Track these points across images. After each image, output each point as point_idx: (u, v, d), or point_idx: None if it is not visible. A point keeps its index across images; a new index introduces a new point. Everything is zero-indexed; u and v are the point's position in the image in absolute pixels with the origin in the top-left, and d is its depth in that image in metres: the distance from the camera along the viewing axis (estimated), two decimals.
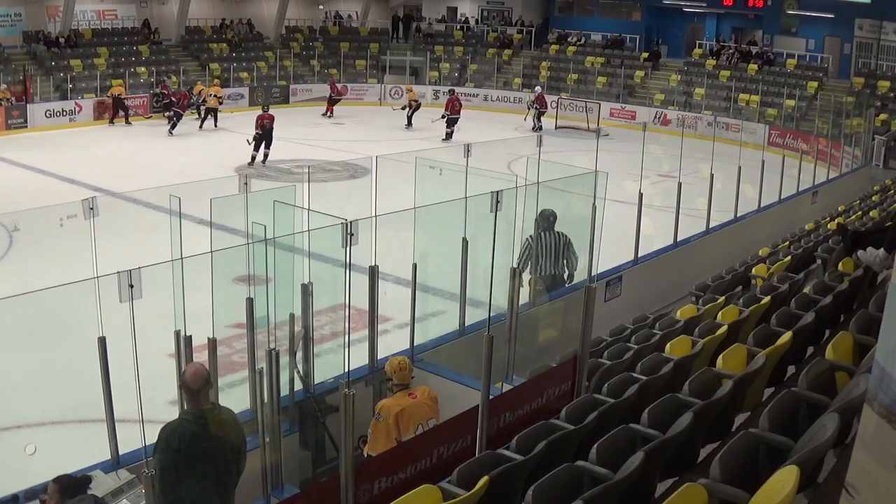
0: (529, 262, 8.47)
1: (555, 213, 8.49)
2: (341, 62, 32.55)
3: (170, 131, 23.77)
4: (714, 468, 3.48)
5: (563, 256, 8.60)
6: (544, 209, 8.39)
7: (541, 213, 8.38)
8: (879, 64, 27.98)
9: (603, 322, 7.58)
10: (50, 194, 15.15)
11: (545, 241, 8.53)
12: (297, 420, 6.00)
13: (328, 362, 6.16)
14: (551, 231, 8.54)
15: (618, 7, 34.74)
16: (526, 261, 8.41)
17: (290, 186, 5.80)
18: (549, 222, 8.51)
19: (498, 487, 3.99)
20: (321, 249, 5.39)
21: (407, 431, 5.47)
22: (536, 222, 8.39)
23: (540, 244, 8.49)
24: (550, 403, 5.38)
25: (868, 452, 2.31)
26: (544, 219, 8.46)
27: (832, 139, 21.31)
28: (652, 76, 30.93)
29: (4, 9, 27.25)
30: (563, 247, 8.58)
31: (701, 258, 11.37)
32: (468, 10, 36.45)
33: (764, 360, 4.81)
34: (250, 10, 33.69)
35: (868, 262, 6.35)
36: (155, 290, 4.57)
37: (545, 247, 8.52)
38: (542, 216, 8.42)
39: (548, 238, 8.55)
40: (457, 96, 25.70)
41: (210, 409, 4.54)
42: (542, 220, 8.44)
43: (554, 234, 8.55)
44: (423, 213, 6.49)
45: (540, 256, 8.51)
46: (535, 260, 8.49)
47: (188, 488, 4.46)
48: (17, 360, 8.13)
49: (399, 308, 7.45)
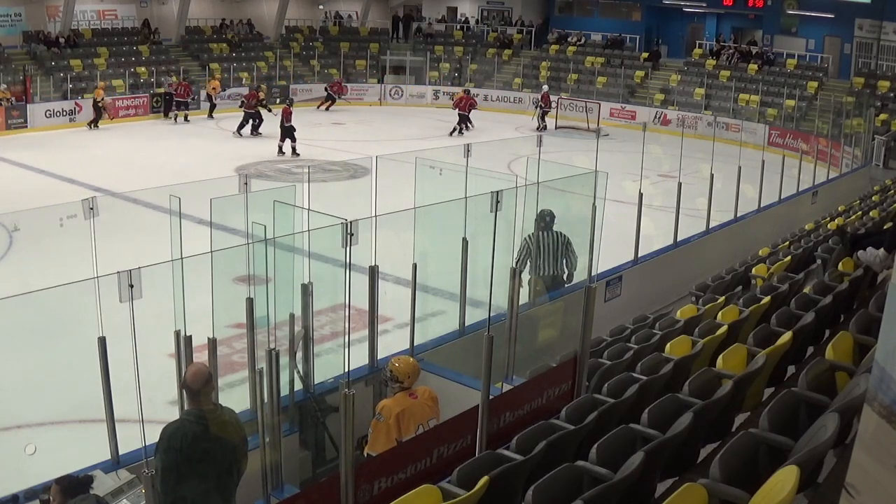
0: (528, 262, 8.47)
1: (552, 212, 8.49)
2: (341, 62, 32.54)
3: (244, 132, 23.94)
4: (714, 468, 3.48)
5: (563, 256, 8.60)
6: (542, 209, 8.40)
7: (539, 214, 8.39)
8: (879, 64, 27.99)
9: (603, 322, 7.58)
10: (50, 194, 15.13)
11: (544, 240, 8.53)
12: (297, 420, 6.00)
13: (328, 362, 6.16)
14: (550, 231, 8.54)
15: (618, 7, 34.74)
16: (524, 261, 8.40)
17: (290, 186, 5.80)
18: (547, 222, 8.51)
19: (498, 487, 3.99)
20: (321, 249, 5.39)
21: (407, 431, 5.47)
22: (535, 222, 8.39)
23: (539, 244, 8.49)
24: (550, 403, 5.38)
25: (868, 452, 2.31)
26: (541, 218, 8.46)
27: (832, 139, 21.31)
28: (652, 76, 30.94)
29: (4, 9, 27.25)
30: (562, 246, 8.57)
31: (701, 258, 11.37)
32: (468, 10, 36.45)
33: (764, 360, 4.81)
34: (250, 10, 33.69)
35: (868, 262, 6.35)
36: (155, 290, 4.56)
37: (544, 247, 8.52)
38: (540, 216, 8.43)
39: (546, 238, 8.54)
40: (471, 97, 26.30)
41: (211, 409, 4.54)
42: (540, 219, 8.45)
43: (553, 234, 8.55)
44: (423, 213, 6.49)
45: (538, 256, 8.51)
46: (534, 260, 8.49)
47: (189, 488, 4.46)
48: (17, 360, 8.13)
49: (399, 308, 7.45)
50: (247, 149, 19.80)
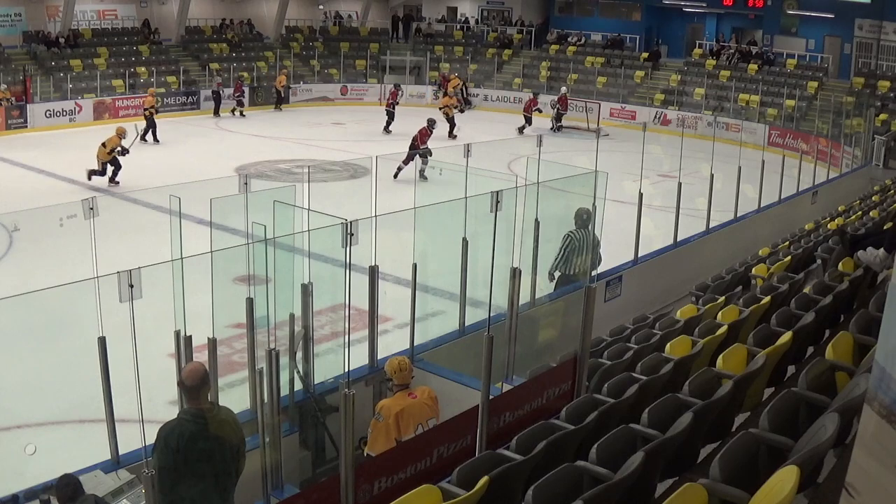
0: (572, 258, 8.62)
1: (590, 210, 8.61)
2: (341, 62, 32.54)
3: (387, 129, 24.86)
4: (714, 468, 3.48)
5: (594, 255, 8.76)
6: (580, 207, 8.59)
7: (577, 211, 8.64)
8: (879, 64, 27.99)
9: (603, 322, 7.57)
10: (50, 194, 15.15)
11: (584, 238, 8.75)
12: (297, 420, 6.00)
13: (328, 362, 6.16)
14: (586, 229, 8.69)
15: (618, 7, 34.74)
16: (568, 256, 8.56)
17: (290, 186, 5.80)
18: (584, 220, 8.71)
19: (498, 487, 3.99)
20: (321, 249, 5.39)
21: (407, 431, 5.47)
22: (575, 220, 8.65)
23: (580, 241, 8.69)
24: (550, 403, 5.38)
25: (868, 452, 2.31)
26: (579, 216, 8.68)
27: (832, 139, 21.30)
28: (652, 76, 30.94)
29: (4, 9, 27.26)
30: (594, 246, 8.73)
31: (701, 258, 11.37)
32: (468, 10, 36.45)
33: (764, 360, 4.81)
34: (250, 10, 33.70)
35: (868, 262, 6.35)
36: (155, 290, 4.56)
37: (583, 244, 8.70)
38: (578, 214, 8.67)
39: (584, 236, 8.76)
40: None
41: (209, 408, 4.54)
42: (578, 217, 8.68)
43: (589, 233, 8.72)
44: (423, 213, 6.49)
45: (578, 253, 8.68)
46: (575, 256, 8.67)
47: (187, 488, 4.46)
48: (17, 360, 8.14)
49: (399, 308, 7.45)
50: (247, 149, 19.78)
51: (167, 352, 5.51)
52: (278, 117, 27.67)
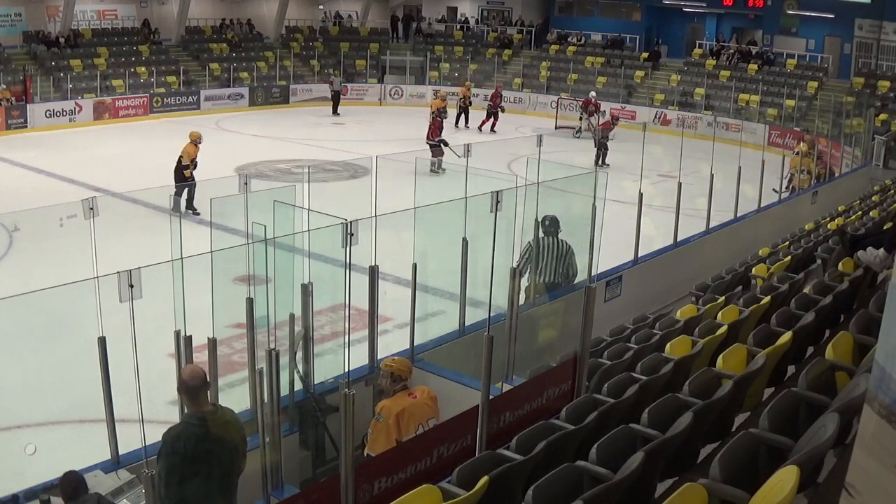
0: (529, 267, 8.44)
1: (555, 218, 8.46)
2: (341, 62, 32.52)
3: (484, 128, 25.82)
4: (714, 468, 3.48)
5: (564, 265, 8.56)
6: (547, 215, 8.38)
7: (542, 218, 8.38)
8: (879, 64, 27.98)
9: (603, 322, 7.57)
10: (50, 194, 15.13)
11: (546, 246, 8.50)
12: (297, 420, 6.00)
13: (328, 362, 6.16)
14: (553, 237, 8.53)
15: (618, 7, 34.73)
16: (525, 265, 8.37)
17: (290, 186, 5.80)
18: (546, 227, 8.47)
19: (498, 487, 3.99)
20: (321, 249, 5.38)
21: (407, 431, 5.47)
22: (537, 226, 8.38)
23: (541, 249, 8.47)
24: (550, 403, 5.38)
25: (868, 452, 2.31)
26: (544, 224, 8.45)
27: (832, 139, 21.29)
28: (652, 76, 30.93)
29: (4, 9, 27.25)
30: (564, 256, 8.53)
31: (701, 258, 11.37)
32: (468, 10, 36.44)
33: (764, 360, 4.81)
34: (250, 10, 33.69)
35: (868, 262, 6.35)
36: (155, 290, 4.56)
37: (545, 252, 8.49)
38: (542, 222, 8.42)
39: (550, 243, 8.52)
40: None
41: (212, 410, 4.54)
42: (542, 225, 8.44)
43: (556, 241, 8.53)
44: (423, 213, 6.49)
45: (539, 261, 8.48)
46: (535, 264, 8.47)
47: (193, 491, 4.46)
48: (17, 360, 8.14)
49: (399, 308, 7.45)
50: (247, 149, 19.77)
51: (167, 352, 5.51)
52: (279, 117, 27.65)
